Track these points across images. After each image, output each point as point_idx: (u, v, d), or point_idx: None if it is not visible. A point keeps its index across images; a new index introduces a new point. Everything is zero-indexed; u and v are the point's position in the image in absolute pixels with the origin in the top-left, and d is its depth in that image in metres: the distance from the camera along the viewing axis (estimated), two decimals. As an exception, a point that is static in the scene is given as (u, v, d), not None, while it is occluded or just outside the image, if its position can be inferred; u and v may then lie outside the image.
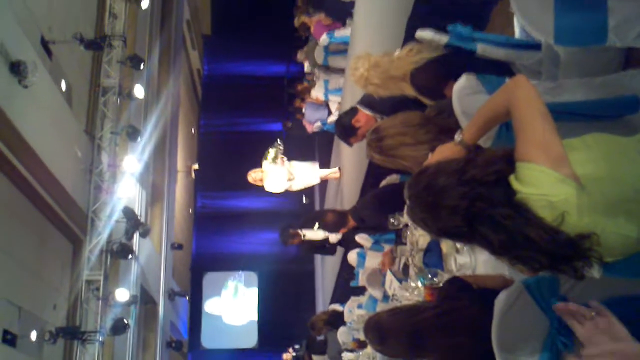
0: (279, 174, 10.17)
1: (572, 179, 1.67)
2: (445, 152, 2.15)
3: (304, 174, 10.50)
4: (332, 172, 11.10)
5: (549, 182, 1.66)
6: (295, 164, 10.48)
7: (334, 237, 6.94)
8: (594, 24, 2.14)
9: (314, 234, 7.02)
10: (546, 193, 1.66)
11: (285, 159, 10.33)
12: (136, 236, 10.06)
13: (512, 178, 1.71)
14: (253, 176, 10.22)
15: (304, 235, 7.14)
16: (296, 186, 10.46)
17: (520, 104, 1.80)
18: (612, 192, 1.69)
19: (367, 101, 4.20)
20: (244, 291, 21.30)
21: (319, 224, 5.31)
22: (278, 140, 10.59)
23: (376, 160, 2.90)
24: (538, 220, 1.65)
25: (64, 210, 8.20)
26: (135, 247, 10.46)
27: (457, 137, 2.14)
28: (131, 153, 9.88)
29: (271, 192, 10.64)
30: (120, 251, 8.99)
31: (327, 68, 11.02)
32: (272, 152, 10.28)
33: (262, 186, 10.24)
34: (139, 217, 9.86)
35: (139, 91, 9.86)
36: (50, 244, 8.34)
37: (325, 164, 11.86)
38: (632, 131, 2.24)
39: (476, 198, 1.70)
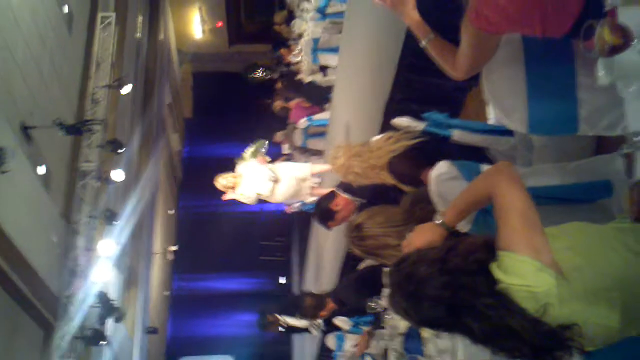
0: (259, 173, 8.03)
1: (554, 268, 1.67)
2: (426, 233, 2.15)
3: (292, 175, 8.27)
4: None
5: (531, 272, 1.66)
6: (281, 165, 8.58)
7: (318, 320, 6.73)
8: (566, 114, 2.20)
9: (296, 321, 6.72)
10: (528, 284, 1.65)
11: (268, 158, 8.37)
12: (110, 321, 9.83)
13: (494, 266, 1.70)
14: (222, 182, 8.06)
15: (284, 322, 6.86)
16: (281, 192, 8.20)
17: (502, 191, 1.81)
18: (593, 281, 1.69)
19: (346, 186, 4.23)
20: (219, 375, 20.72)
21: (299, 314, 5.23)
22: (264, 140, 8.60)
23: (357, 254, 2.91)
24: (520, 311, 1.64)
25: (36, 296, 8.01)
26: (109, 333, 10.20)
27: (439, 218, 2.14)
28: (108, 236, 9.77)
29: (248, 206, 8.43)
30: (92, 337, 8.76)
31: (305, 150, 11.17)
32: (252, 149, 8.25)
33: (232, 197, 8.22)
34: (113, 302, 9.66)
35: (118, 175, 9.84)
36: (20, 330, 8.10)
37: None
38: (609, 215, 2.27)
39: (458, 288, 1.69)
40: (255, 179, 7.95)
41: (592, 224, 1.85)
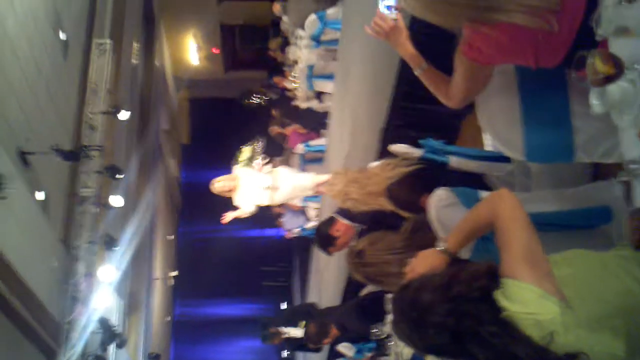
0: (255, 181, 7.69)
1: (558, 296, 1.67)
2: (428, 259, 2.16)
3: (292, 183, 7.79)
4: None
5: (535, 300, 1.66)
6: (281, 170, 8.04)
7: None
8: (562, 142, 2.23)
9: (297, 331, 6.62)
10: (533, 312, 1.65)
11: (265, 162, 7.95)
12: (112, 347, 9.78)
13: (498, 294, 1.70)
14: (218, 186, 7.69)
15: (286, 334, 6.75)
16: (279, 198, 7.92)
17: (504, 218, 1.81)
18: (596, 309, 1.69)
19: (346, 211, 4.25)
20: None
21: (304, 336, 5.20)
22: (258, 138, 8.24)
23: (359, 280, 2.93)
24: (526, 339, 1.63)
25: (38, 321, 7.98)
26: (111, 359, 10.15)
27: (441, 245, 2.15)
28: (108, 262, 9.75)
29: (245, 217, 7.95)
30: (94, 365, 8.72)
31: (304, 175, 11.16)
32: (246, 151, 8.01)
33: (230, 199, 7.89)
34: (115, 328, 9.62)
35: (116, 201, 9.85)
36: (22, 357, 8.05)
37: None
38: (608, 241, 2.29)
39: (463, 315, 1.69)
40: (252, 191, 7.60)
41: (594, 251, 1.85)
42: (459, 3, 1.89)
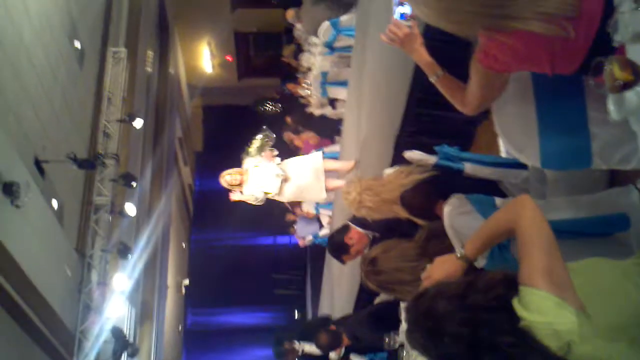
0: (266, 171, 7.41)
1: (576, 306, 1.64)
2: (445, 265, 2.16)
3: (303, 172, 7.47)
4: (344, 165, 8.00)
5: (554, 309, 1.63)
6: (291, 161, 7.78)
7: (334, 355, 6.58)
8: (578, 149, 2.20)
9: (312, 347, 6.50)
10: (551, 321, 1.62)
11: (276, 153, 7.69)
12: (124, 356, 9.79)
13: (515, 302, 1.67)
14: (228, 179, 7.46)
15: (301, 350, 6.68)
16: (290, 191, 7.50)
17: (525, 226, 1.79)
18: (614, 319, 1.67)
19: (359, 219, 4.23)
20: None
21: (315, 344, 5.19)
22: (265, 128, 7.90)
23: (372, 288, 2.91)
24: (543, 349, 1.61)
25: (51, 330, 8.01)
26: (124, 368, 10.16)
27: (459, 251, 2.14)
28: (121, 271, 9.78)
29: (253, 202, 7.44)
30: (107, 373, 8.74)
31: (317, 182, 11.14)
32: (257, 141, 7.65)
33: (239, 197, 7.60)
34: (127, 337, 9.64)
35: (130, 209, 9.89)
36: (35, 367, 8.08)
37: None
38: (626, 248, 2.26)
39: (479, 325, 1.66)
40: (262, 177, 7.36)
41: (612, 260, 1.83)
42: (474, 11, 1.87)
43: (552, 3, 1.81)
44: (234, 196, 7.60)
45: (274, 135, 7.75)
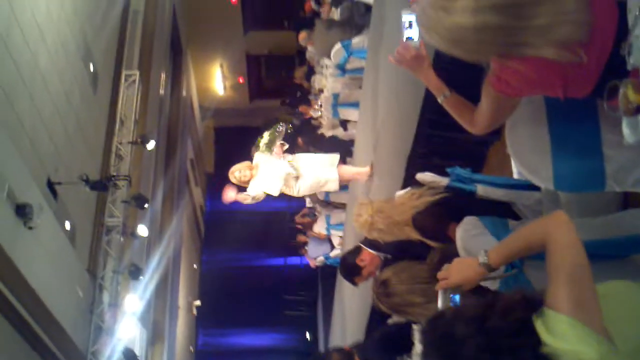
0: (276, 167, 7.12)
1: (604, 334, 1.59)
2: (465, 269, 2.15)
3: (315, 170, 7.20)
4: (359, 171, 7.53)
5: (580, 338, 1.57)
6: (303, 156, 7.51)
7: None
8: (592, 171, 2.19)
9: None
10: (576, 350, 1.56)
11: (286, 146, 7.40)
12: (136, 378, 9.76)
13: (539, 324, 1.61)
14: (237, 175, 7.16)
15: None
16: (306, 185, 7.23)
17: (560, 246, 1.73)
18: (638, 342, 1.63)
19: (371, 241, 4.22)
20: None
21: None
22: (279, 122, 7.62)
23: (383, 311, 2.89)
24: None
25: (62, 351, 8.01)
26: (135, 390, 10.12)
27: (482, 257, 2.11)
28: (133, 292, 9.79)
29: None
30: (118, 395, 8.71)
31: (328, 203, 11.18)
32: (267, 136, 7.35)
33: (236, 198, 7.40)
34: (139, 358, 9.62)
35: (142, 230, 9.92)
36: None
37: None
38: (640, 270, 2.24)
39: (499, 350, 1.61)
40: (268, 176, 7.04)
41: (635, 283, 1.79)
42: (486, 40, 1.88)
43: (564, 30, 1.82)
44: (229, 195, 7.40)
45: (284, 129, 7.54)
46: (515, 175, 3.29)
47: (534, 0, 1.81)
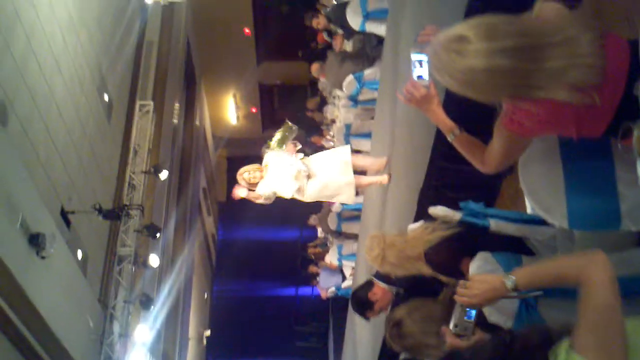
0: (287, 163, 6.76)
1: None
2: (489, 288, 2.11)
3: (329, 167, 6.78)
4: (375, 162, 7.20)
5: None
6: (315, 157, 7.07)
7: None
8: (607, 210, 2.18)
9: None
10: None
11: (299, 146, 7.14)
12: (145, 409, 9.70)
13: None
14: (246, 176, 6.88)
15: None
16: (315, 188, 6.80)
17: (595, 284, 1.69)
18: None
19: (383, 274, 4.19)
20: None
21: None
22: (287, 121, 7.28)
23: (396, 350, 2.87)
24: None
25: (72, 382, 7.97)
26: (144, 421, 10.04)
27: (508, 277, 2.07)
28: (143, 322, 9.76)
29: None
30: None
31: (340, 234, 11.16)
32: (279, 134, 7.05)
33: (245, 196, 7.04)
34: (148, 390, 9.56)
35: (154, 260, 9.92)
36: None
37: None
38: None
39: None
40: (280, 175, 6.73)
41: None
42: (499, 83, 1.88)
43: (577, 73, 1.82)
44: (239, 192, 7.12)
45: (297, 127, 7.32)
46: (529, 210, 3.26)
47: (547, 43, 1.81)
